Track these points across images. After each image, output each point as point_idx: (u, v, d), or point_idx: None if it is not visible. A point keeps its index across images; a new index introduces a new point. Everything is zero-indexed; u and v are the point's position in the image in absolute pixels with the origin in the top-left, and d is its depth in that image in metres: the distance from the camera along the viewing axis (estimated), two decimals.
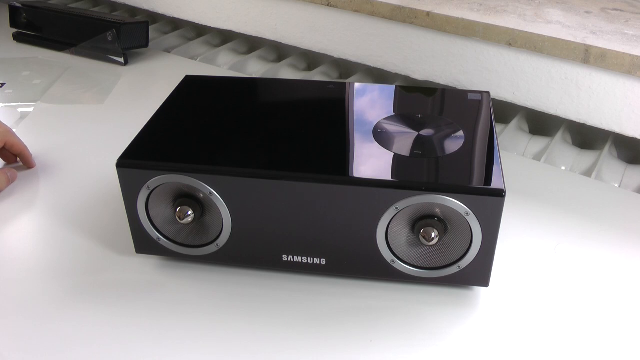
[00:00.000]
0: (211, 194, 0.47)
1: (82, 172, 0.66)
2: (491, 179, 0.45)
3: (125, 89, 0.85)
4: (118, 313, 0.48)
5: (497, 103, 0.79)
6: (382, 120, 0.54)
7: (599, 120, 0.70)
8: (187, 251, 0.51)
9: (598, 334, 0.47)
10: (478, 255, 0.46)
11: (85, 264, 0.53)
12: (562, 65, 0.70)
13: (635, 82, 0.66)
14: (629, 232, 0.57)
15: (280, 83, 0.64)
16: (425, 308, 0.49)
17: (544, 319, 0.48)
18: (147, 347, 0.45)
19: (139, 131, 0.52)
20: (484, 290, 0.51)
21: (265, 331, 0.47)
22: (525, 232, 0.57)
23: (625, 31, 0.70)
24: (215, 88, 0.60)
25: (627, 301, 0.50)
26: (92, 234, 0.57)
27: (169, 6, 1.05)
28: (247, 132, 0.52)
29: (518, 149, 0.73)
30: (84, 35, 0.94)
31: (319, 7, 0.86)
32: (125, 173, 0.48)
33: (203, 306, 0.49)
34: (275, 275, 0.52)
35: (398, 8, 0.78)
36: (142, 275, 0.52)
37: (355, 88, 0.60)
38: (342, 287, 0.51)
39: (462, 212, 0.45)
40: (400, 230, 0.47)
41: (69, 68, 0.91)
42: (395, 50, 0.82)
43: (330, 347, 0.45)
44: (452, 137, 0.51)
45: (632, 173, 0.67)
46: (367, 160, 0.47)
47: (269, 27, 0.94)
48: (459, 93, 0.59)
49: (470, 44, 0.76)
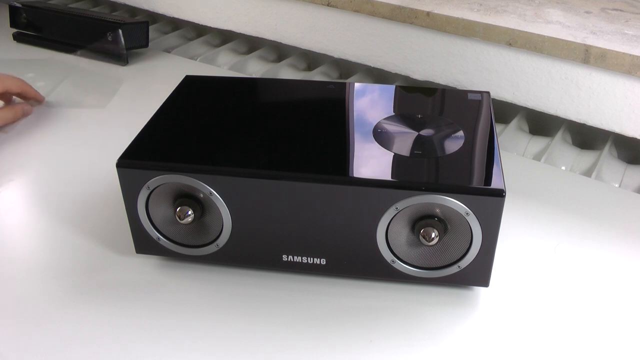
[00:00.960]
0: (211, 194, 0.47)
1: (82, 171, 0.66)
2: (491, 179, 0.45)
3: (126, 89, 0.85)
4: (118, 313, 0.48)
5: (497, 103, 0.79)
6: (382, 120, 0.54)
7: (599, 120, 0.70)
8: (187, 251, 0.51)
9: (598, 334, 0.47)
10: (478, 255, 0.46)
11: (85, 264, 0.53)
12: (562, 65, 0.70)
13: (635, 82, 0.66)
14: (629, 232, 0.57)
15: (280, 83, 0.64)
16: (425, 308, 0.49)
17: (544, 319, 0.48)
18: (147, 347, 0.45)
19: (139, 131, 0.52)
20: (484, 290, 0.51)
21: (265, 331, 0.47)
22: (525, 232, 0.57)
23: (625, 31, 0.70)
24: (215, 88, 0.60)
25: (627, 301, 0.50)
26: (92, 234, 0.57)
27: (169, 6, 1.05)
28: (247, 132, 0.52)
29: (518, 149, 0.73)
30: (84, 35, 0.94)
31: (319, 7, 0.86)
32: (125, 173, 0.48)
33: (203, 306, 0.49)
34: (275, 275, 0.52)
35: (398, 8, 0.78)
36: (142, 275, 0.52)
37: (355, 88, 0.60)
38: (342, 287, 0.51)
39: (462, 212, 0.45)
40: (400, 230, 0.47)
41: (71, 69, 0.91)
42: (395, 50, 0.82)
43: (330, 347, 0.45)
44: (452, 137, 0.51)
45: (632, 173, 0.67)
46: (367, 160, 0.47)
47: (269, 27, 0.94)
48: (459, 93, 0.59)
49: (470, 44, 0.76)
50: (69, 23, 0.96)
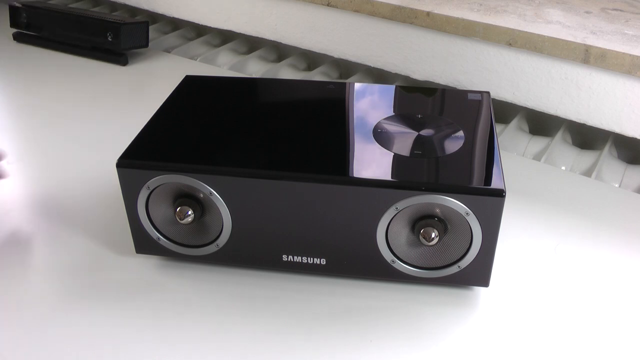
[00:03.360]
0: (211, 194, 0.47)
1: (82, 171, 0.66)
2: (491, 179, 0.45)
3: (125, 89, 0.85)
4: (118, 313, 0.48)
5: (497, 103, 0.79)
6: (382, 120, 0.54)
7: (599, 120, 0.70)
8: (187, 251, 0.51)
9: (598, 334, 0.47)
10: (478, 255, 0.46)
11: (85, 264, 0.53)
12: (562, 65, 0.70)
13: (635, 82, 0.66)
14: (629, 232, 0.57)
15: (280, 83, 0.64)
16: (425, 308, 0.49)
17: (544, 319, 0.48)
18: (147, 347, 0.45)
19: (139, 131, 0.52)
20: (484, 290, 0.51)
21: (265, 331, 0.47)
22: (525, 232, 0.57)
23: (625, 31, 0.70)
24: (215, 88, 0.60)
25: (627, 301, 0.50)
26: (92, 234, 0.57)
27: (169, 6, 1.05)
28: (247, 132, 0.52)
29: (518, 149, 0.73)
30: (84, 35, 0.94)
31: (319, 7, 0.86)
32: (125, 173, 0.48)
33: (203, 306, 0.49)
34: (275, 275, 0.52)
35: (398, 8, 0.78)
36: (142, 275, 0.52)
37: (355, 88, 0.60)
38: (342, 287, 0.51)
39: (462, 212, 0.45)
40: (400, 230, 0.47)
41: (71, 69, 0.91)
42: (395, 50, 0.82)
43: (330, 347, 0.45)
44: (452, 137, 0.51)
45: (632, 173, 0.67)
46: (367, 160, 0.47)
47: (269, 27, 0.94)
48: (459, 93, 0.59)
49: (470, 44, 0.76)
50: (69, 23, 0.96)
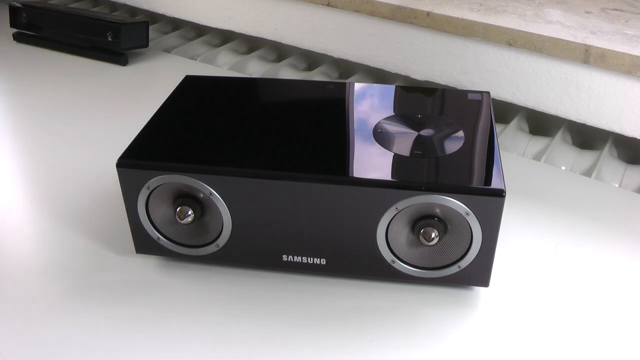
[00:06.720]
0: (211, 194, 0.47)
1: (82, 171, 0.66)
2: (491, 179, 0.45)
3: (125, 89, 0.85)
4: (118, 313, 0.48)
5: (497, 103, 0.79)
6: (382, 120, 0.54)
7: (599, 120, 0.70)
8: (187, 251, 0.51)
9: (598, 334, 0.47)
10: (478, 255, 0.46)
11: (85, 264, 0.53)
12: (562, 65, 0.70)
13: (635, 82, 0.66)
14: (629, 232, 0.57)
15: (280, 83, 0.64)
16: (425, 308, 0.49)
17: (544, 319, 0.48)
18: (147, 347, 0.45)
19: (139, 131, 0.52)
20: (484, 290, 0.51)
21: (266, 331, 0.47)
22: (525, 232, 0.57)
23: (625, 31, 0.70)
24: (215, 88, 0.60)
25: (627, 301, 0.50)
26: (92, 234, 0.57)
27: (169, 6, 1.05)
28: (247, 132, 0.52)
29: (518, 149, 0.73)
30: (84, 35, 0.94)
31: (319, 7, 0.86)
32: (125, 173, 0.48)
33: (203, 306, 0.49)
34: (275, 275, 0.52)
35: (398, 8, 0.78)
36: (142, 275, 0.52)
37: (355, 88, 0.60)
38: (342, 287, 0.51)
39: (462, 212, 0.45)
40: (400, 230, 0.47)
41: (71, 69, 0.91)
42: (395, 50, 0.82)
43: (330, 347, 0.45)
44: (452, 137, 0.51)
45: (632, 173, 0.67)
46: (367, 160, 0.47)
47: (269, 27, 0.94)
48: (459, 93, 0.59)
49: (470, 44, 0.76)
50: (69, 23, 0.96)
